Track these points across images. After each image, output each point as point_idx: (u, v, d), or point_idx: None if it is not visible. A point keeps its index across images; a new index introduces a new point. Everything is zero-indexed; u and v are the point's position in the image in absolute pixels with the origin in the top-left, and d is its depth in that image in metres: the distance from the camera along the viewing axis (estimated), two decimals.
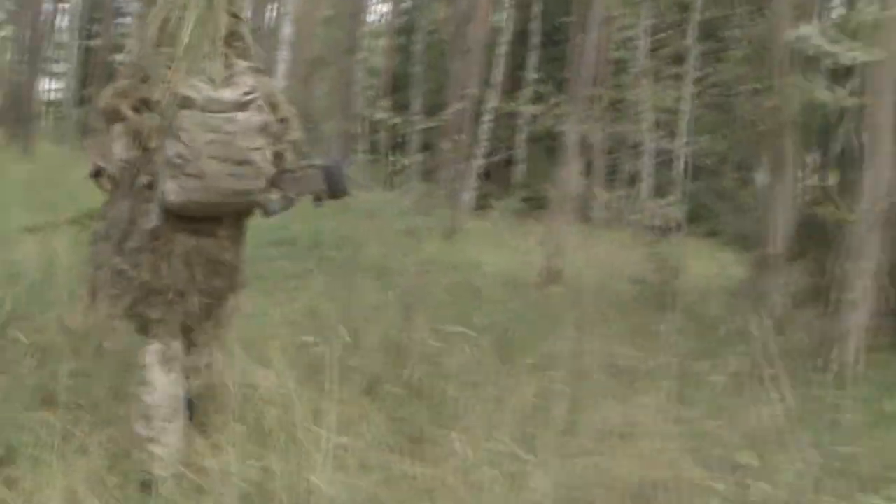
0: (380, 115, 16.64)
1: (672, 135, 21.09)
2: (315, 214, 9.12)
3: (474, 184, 18.51)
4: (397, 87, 28.73)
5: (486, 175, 24.21)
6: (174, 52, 2.66)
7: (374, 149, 27.71)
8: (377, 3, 38.33)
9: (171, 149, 2.52)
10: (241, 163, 2.55)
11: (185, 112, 2.52)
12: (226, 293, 2.89)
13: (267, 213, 2.85)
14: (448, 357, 4.78)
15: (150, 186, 2.64)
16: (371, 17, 35.87)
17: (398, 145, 25.45)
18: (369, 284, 7.12)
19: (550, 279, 9.15)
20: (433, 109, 30.10)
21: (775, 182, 7.96)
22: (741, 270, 9.33)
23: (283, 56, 11.85)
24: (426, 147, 22.90)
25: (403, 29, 34.54)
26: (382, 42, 36.28)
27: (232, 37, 2.80)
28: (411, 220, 11.86)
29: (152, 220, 2.64)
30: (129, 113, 2.63)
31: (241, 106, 2.57)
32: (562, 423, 3.78)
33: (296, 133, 2.83)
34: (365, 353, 4.56)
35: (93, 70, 30.02)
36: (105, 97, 2.77)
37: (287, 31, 11.90)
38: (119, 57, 19.42)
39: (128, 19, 36.86)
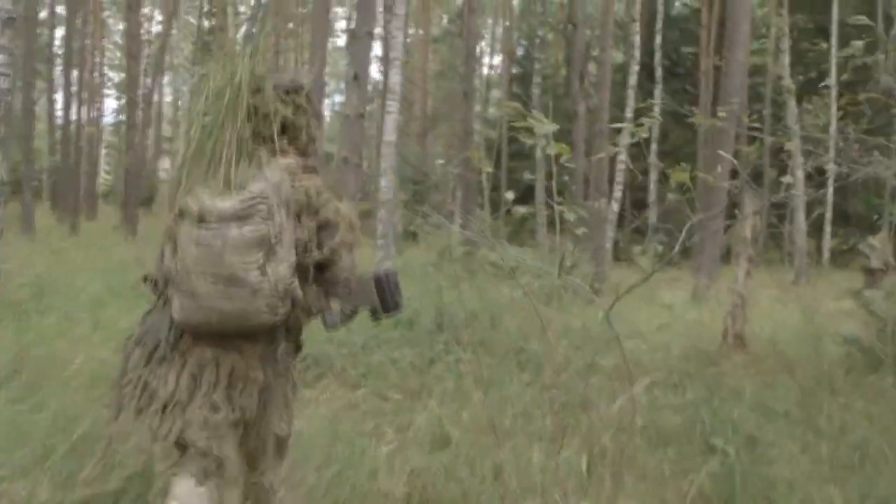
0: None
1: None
2: (437, 279, 7.39)
3: (610, 232, 16.61)
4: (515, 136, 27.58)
5: (619, 221, 22.75)
6: (197, 158, 2.51)
7: (494, 202, 26.64)
8: (488, 54, 37.79)
9: (173, 263, 2.40)
10: (231, 282, 2.32)
11: (183, 225, 2.37)
12: (261, 416, 2.55)
13: (326, 326, 2.61)
14: None
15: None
16: (483, 69, 35.38)
17: (520, 198, 23.95)
18: (514, 385, 5.55)
19: (735, 346, 7.28)
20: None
21: None
22: None
23: (392, 107, 10.75)
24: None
25: (518, 77, 33.72)
26: (496, 93, 35.57)
27: (287, 131, 2.61)
28: (548, 282, 10.22)
29: (172, 332, 2.49)
30: (169, 220, 2.46)
31: (239, 216, 2.33)
32: None
33: (347, 238, 2.54)
34: None
35: None
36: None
37: (396, 79, 10.77)
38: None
39: None
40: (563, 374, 6.12)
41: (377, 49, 24.52)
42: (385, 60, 19.30)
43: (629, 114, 19.19)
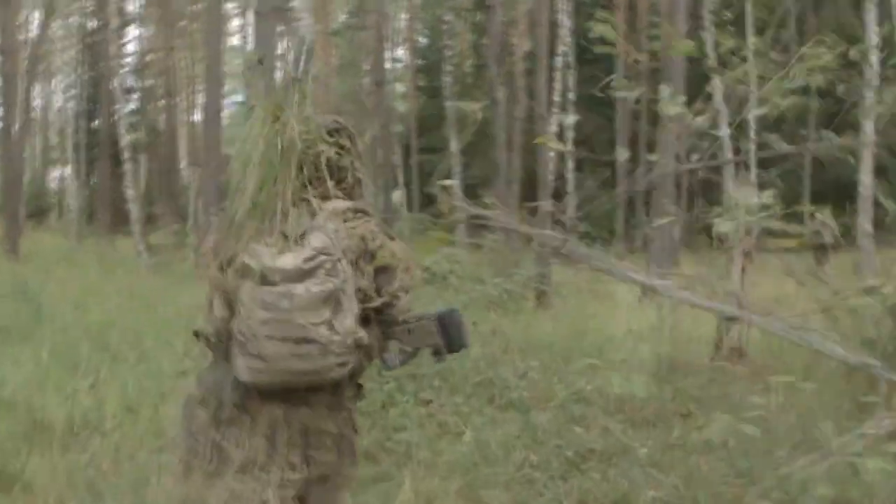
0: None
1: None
2: None
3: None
4: (426, 128, 26.61)
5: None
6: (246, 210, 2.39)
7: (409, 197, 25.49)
8: (388, 48, 36.48)
9: (235, 324, 2.29)
10: (301, 341, 2.23)
11: (246, 284, 2.27)
12: (338, 467, 2.48)
13: (387, 367, 2.51)
14: None
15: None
16: (385, 64, 34.07)
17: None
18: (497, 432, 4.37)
19: (731, 358, 6.24)
20: (472, 147, 28.10)
21: None
22: None
23: None
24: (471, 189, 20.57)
25: (423, 68, 32.59)
26: (401, 86, 34.36)
27: (332, 174, 2.49)
28: (490, 287, 9.08)
29: (236, 392, 2.38)
30: (214, 271, 2.40)
31: (303, 275, 2.25)
32: None
33: (405, 282, 2.42)
34: None
35: (97, 155, 28.14)
36: (203, 249, 2.61)
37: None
38: (126, 140, 17.13)
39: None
40: (548, 409, 5.00)
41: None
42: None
43: (557, 98, 18.20)
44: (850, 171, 25.28)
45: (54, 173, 40.55)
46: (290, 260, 2.29)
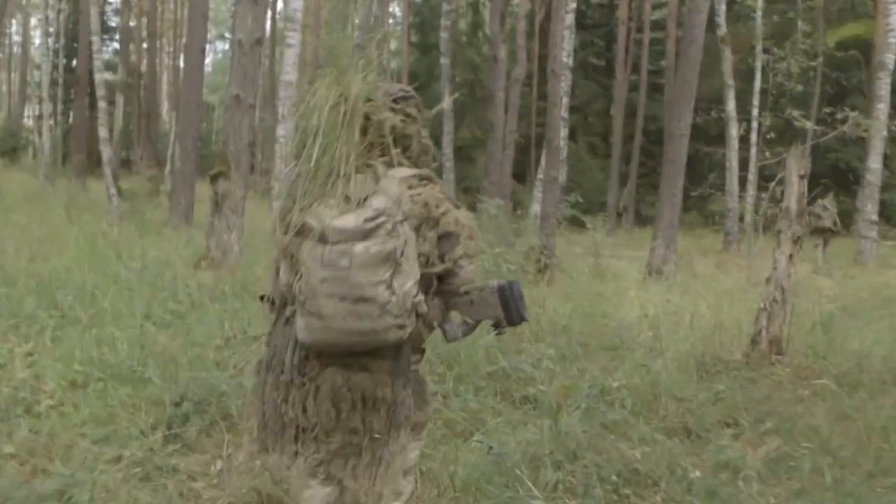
0: None
1: None
2: None
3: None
4: (418, 86, 25.58)
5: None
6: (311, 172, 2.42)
7: None
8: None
9: (297, 284, 2.33)
10: (359, 300, 2.24)
11: (306, 243, 2.30)
12: (384, 433, 2.45)
13: (447, 338, 2.50)
14: None
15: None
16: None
17: None
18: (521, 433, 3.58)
19: (767, 353, 5.49)
20: (464, 105, 27.19)
21: None
22: None
23: (293, 39, 8.66)
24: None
25: (416, 25, 31.50)
26: (394, 44, 33.29)
27: (398, 142, 2.51)
28: (488, 257, 8.27)
29: (296, 354, 2.42)
30: (281, 235, 2.41)
31: (364, 234, 2.25)
32: None
33: (469, 249, 2.45)
34: None
35: (74, 95, 26.90)
36: (272, 215, 2.61)
37: (297, 4, 8.64)
38: (100, 77, 16.07)
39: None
40: (571, 409, 4.24)
41: None
42: None
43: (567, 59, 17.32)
44: (848, 157, 24.76)
45: (29, 111, 39.15)
46: (350, 220, 2.27)
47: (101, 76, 16.10)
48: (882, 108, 16.00)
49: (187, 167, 13.14)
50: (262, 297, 2.60)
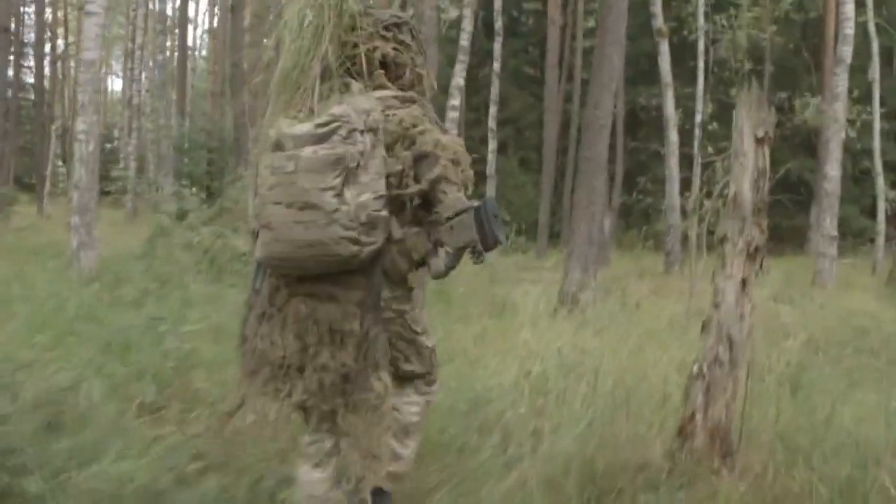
0: None
1: None
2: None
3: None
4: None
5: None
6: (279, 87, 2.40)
7: None
8: None
9: (254, 197, 2.40)
10: (305, 207, 2.17)
11: (264, 154, 2.31)
12: (360, 372, 2.31)
13: (432, 273, 2.41)
14: None
15: None
16: None
17: None
18: None
19: (706, 453, 3.13)
20: None
21: None
22: None
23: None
24: None
25: None
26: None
27: (390, 70, 2.50)
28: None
29: (265, 283, 2.39)
30: (255, 155, 2.44)
31: (316, 139, 2.19)
32: None
33: (449, 173, 2.31)
34: None
35: None
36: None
37: None
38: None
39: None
40: None
41: None
42: None
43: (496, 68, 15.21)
44: (801, 168, 22.76)
45: None
46: (305, 126, 2.24)
47: None
48: (839, 107, 13.92)
49: None
50: (253, 232, 2.40)
